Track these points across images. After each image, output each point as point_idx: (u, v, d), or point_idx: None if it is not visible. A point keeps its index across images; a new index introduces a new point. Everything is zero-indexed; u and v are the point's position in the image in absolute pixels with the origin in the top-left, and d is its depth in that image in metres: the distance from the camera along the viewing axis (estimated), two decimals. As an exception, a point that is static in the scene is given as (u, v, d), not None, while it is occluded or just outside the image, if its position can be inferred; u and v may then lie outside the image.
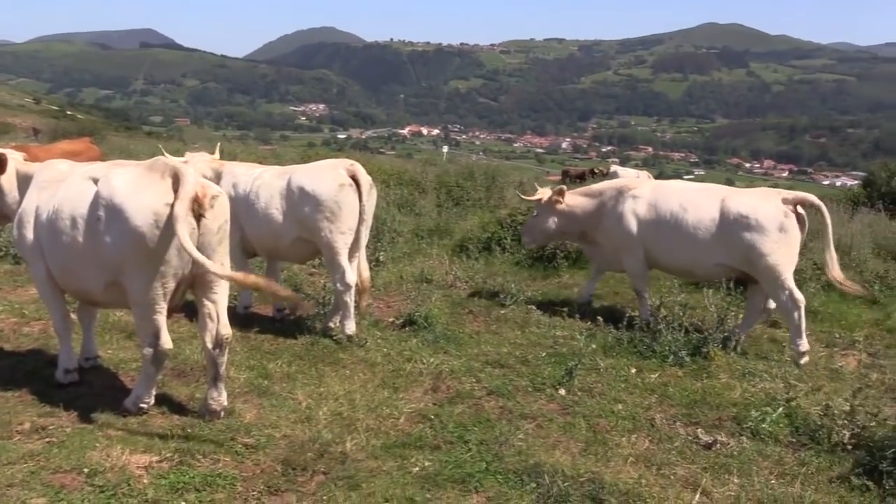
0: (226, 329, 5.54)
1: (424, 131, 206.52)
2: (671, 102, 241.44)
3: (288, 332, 7.58)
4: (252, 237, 7.79)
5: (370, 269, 9.27)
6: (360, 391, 6.14)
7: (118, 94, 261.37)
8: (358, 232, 7.45)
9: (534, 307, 8.64)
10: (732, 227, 7.65)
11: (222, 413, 5.52)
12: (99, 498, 4.36)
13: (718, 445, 5.45)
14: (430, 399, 6.12)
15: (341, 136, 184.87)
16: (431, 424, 5.60)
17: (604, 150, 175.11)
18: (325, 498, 4.50)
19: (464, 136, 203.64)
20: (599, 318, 7.77)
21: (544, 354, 7.26)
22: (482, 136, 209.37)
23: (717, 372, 6.86)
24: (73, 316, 6.56)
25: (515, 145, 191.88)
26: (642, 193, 8.38)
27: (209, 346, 5.49)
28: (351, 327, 7.49)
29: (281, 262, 8.56)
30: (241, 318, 7.94)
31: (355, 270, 7.54)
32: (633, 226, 8.31)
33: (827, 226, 7.67)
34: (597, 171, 27.24)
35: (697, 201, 7.98)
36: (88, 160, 8.25)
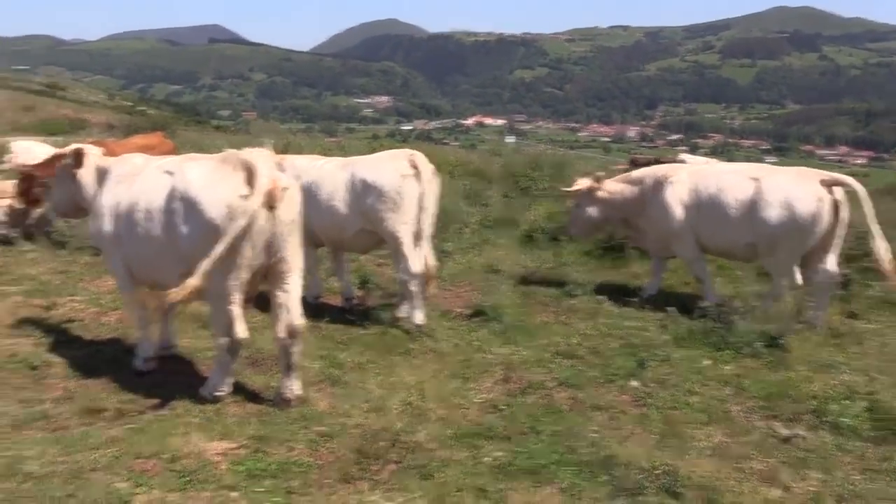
0: (299, 319, 5.63)
1: (489, 122, 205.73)
2: (740, 88, 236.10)
3: (358, 323, 7.65)
4: (316, 229, 7.86)
5: (437, 259, 9.34)
6: (430, 381, 6.17)
7: (187, 90, 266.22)
8: (421, 221, 7.49)
9: (604, 297, 8.55)
10: (761, 208, 7.72)
11: (296, 402, 5.61)
12: (179, 483, 4.47)
13: (797, 439, 5.32)
14: (501, 389, 6.12)
15: (406, 127, 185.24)
16: (502, 415, 5.60)
17: (671, 138, 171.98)
18: (397, 486, 4.54)
19: (528, 126, 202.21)
20: (671, 309, 7.66)
21: (615, 345, 7.19)
22: (547, 125, 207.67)
23: (795, 364, 6.69)
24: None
25: (581, 134, 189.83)
26: (681, 179, 8.45)
27: (282, 336, 5.58)
28: (420, 317, 7.54)
29: (348, 254, 8.64)
30: (312, 308, 8.03)
31: (421, 259, 7.57)
32: (678, 212, 8.37)
33: (867, 211, 7.49)
34: (664, 159, 26.77)
35: (733, 183, 8.04)
36: (161, 154, 8.43)
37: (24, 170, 11.50)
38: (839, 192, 7.59)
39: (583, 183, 9.32)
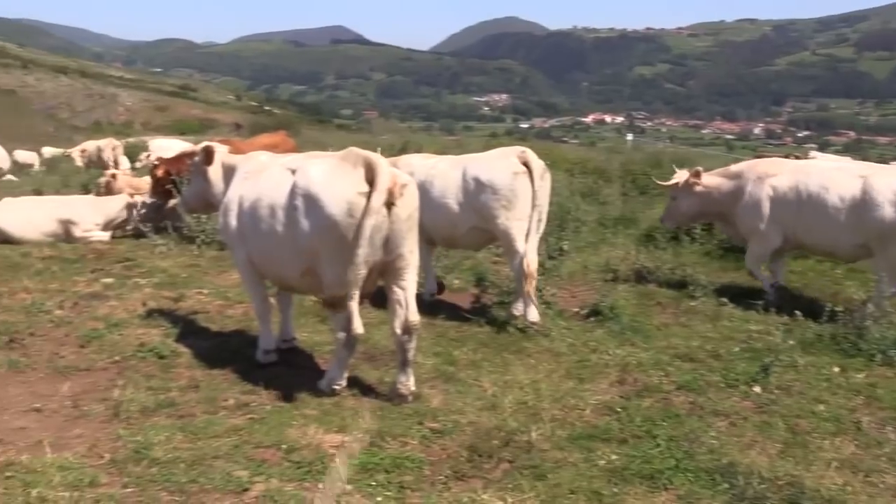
0: (414, 316, 5.66)
1: (608, 119, 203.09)
2: (877, 83, 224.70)
3: (473, 320, 7.65)
4: (429, 226, 7.89)
5: (553, 258, 9.27)
6: (545, 381, 6.10)
7: (311, 90, 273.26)
8: (531, 218, 7.44)
9: (725, 299, 8.25)
10: (867, 207, 7.58)
11: (410, 397, 5.65)
12: (296, 473, 4.57)
13: (935, 453, 5.01)
14: (617, 391, 5.99)
15: (524, 125, 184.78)
16: (618, 417, 5.48)
17: (800, 135, 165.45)
18: (510, 486, 4.50)
19: (649, 124, 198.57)
20: (797, 313, 7.35)
21: (737, 349, 6.93)
22: (668, 122, 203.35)
23: (933, 373, 6.31)
24: (272, 300, 6.93)
25: (704, 132, 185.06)
26: (782, 175, 8.33)
27: (398, 332, 5.64)
28: (533, 314, 7.49)
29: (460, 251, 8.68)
30: (427, 305, 8.09)
31: (532, 256, 7.47)
32: (768, 209, 8.31)
33: None
34: (792, 157, 25.76)
35: (838, 181, 7.87)
36: (284, 152, 8.67)
37: (157, 165, 12.06)
38: None
39: (680, 176, 9.27)
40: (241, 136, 25.51)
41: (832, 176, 7.98)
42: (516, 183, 7.36)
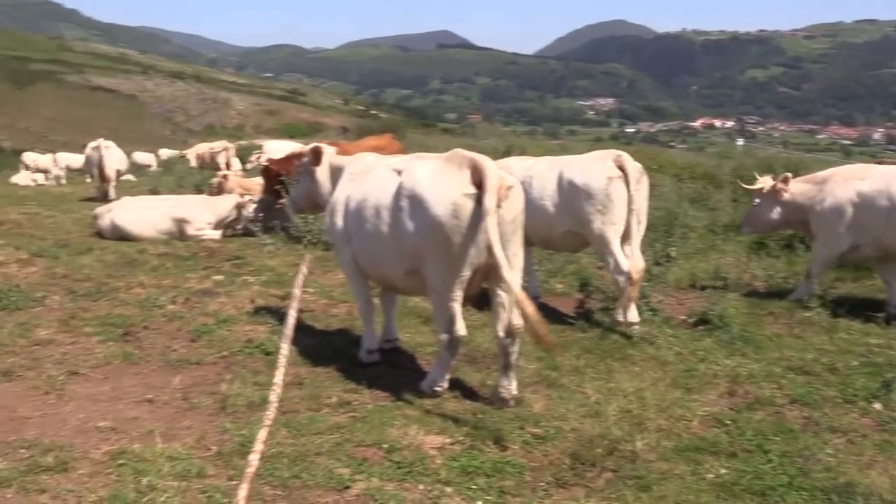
0: (518, 319, 5.60)
1: (717, 123, 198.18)
2: None
3: (577, 325, 7.53)
4: (526, 228, 7.82)
5: (660, 264, 9.04)
6: (650, 389, 5.93)
7: (416, 94, 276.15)
8: (628, 221, 7.34)
9: (843, 311, 7.88)
10: None
11: (512, 401, 5.59)
12: (396, 473, 4.56)
13: None
14: (726, 403, 5.78)
15: (630, 129, 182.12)
16: (727, 430, 5.27)
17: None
18: (613, 496, 4.39)
19: (760, 128, 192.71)
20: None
21: (856, 363, 6.59)
22: (781, 127, 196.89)
23: None
24: (376, 300, 6.98)
25: (819, 137, 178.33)
26: (872, 179, 8.05)
27: (501, 335, 5.58)
28: (634, 314, 7.42)
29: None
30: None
31: (630, 259, 7.38)
32: (850, 214, 8.04)
33: None
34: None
35: None
36: (391, 155, 8.75)
37: (267, 166, 12.36)
38: None
39: (765, 181, 8.94)
40: (347, 140, 25.96)
41: None
42: (611, 187, 7.28)
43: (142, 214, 11.94)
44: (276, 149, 21.29)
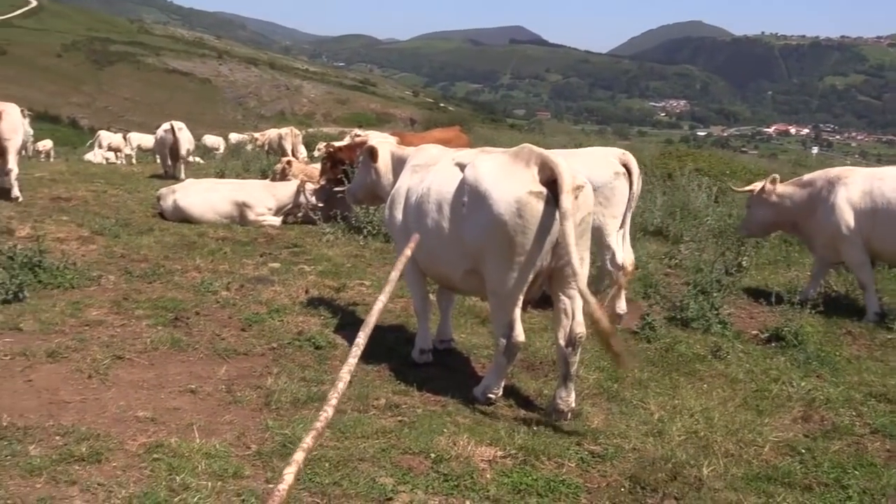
0: (580, 327, 5.27)
1: (792, 130, 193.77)
2: None
3: (642, 335, 7.15)
4: None
5: (731, 274, 8.62)
6: (718, 409, 5.54)
7: (486, 88, 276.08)
8: (624, 217, 7.52)
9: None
10: None
11: (569, 414, 5.25)
12: (443, 486, 4.28)
13: None
14: (801, 429, 5.35)
15: (701, 133, 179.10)
16: (802, 459, 4.86)
17: None
18: (677, 527, 4.05)
19: (837, 137, 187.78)
20: None
21: (945, 392, 6.10)
22: (859, 137, 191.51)
23: None
24: (433, 297, 6.72)
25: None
26: (855, 181, 8.19)
27: (562, 343, 5.26)
28: (622, 306, 7.60)
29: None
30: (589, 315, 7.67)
31: (626, 252, 7.67)
32: (847, 216, 8.11)
33: None
34: None
35: None
36: (458, 148, 8.48)
37: (332, 152, 12.18)
38: None
39: (756, 185, 9.21)
40: (415, 131, 25.77)
41: None
42: (616, 182, 7.37)
43: (204, 197, 11.88)
44: (378, 139, 21.17)
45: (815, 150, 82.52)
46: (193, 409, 5.13)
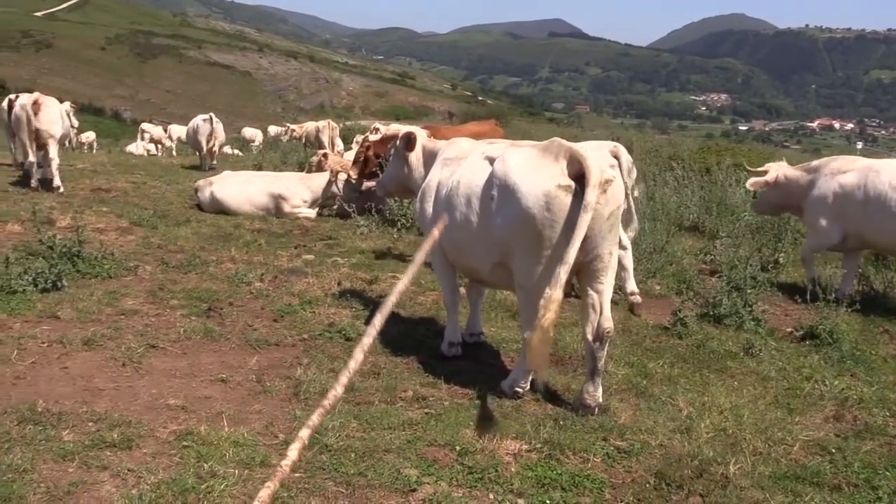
0: (608, 322, 5.24)
1: (836, 125, 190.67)
2: None
3: (673, 331, 7.10)
4: None
5: (766, 270, 8.54)
6: (748, 407, 5.48)
7: (525, 82, 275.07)
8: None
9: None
10: None
11: (596, 409, 5.23)
12: (467, 479, 4.29)
13: None
14: (832, 428, 5.28)
15: (742, 127, 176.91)
16: (832, 459, 4.80)
17: None
18: (700, 524, 4.02)
19: (883, 132, 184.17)
20: None
21: (983, 393, 5.98)
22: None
23: None
24: (463, 290, 6.73)
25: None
26: (853, 171, 8.37)
27: (589, 337, 5.23)
28: (631, 285, 7.81)
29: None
30: (623, 310, 7.65)
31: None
32: (833, 203, 8.38)
33: None
34: None
35: None
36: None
37: (366, 146, 12.23)
38: None
39: (770, 169, 9.40)
40: (451, 124, 25.77)
41: None
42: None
43: (241, 189, 12.01)
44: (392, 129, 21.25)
45: (859, 145, 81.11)
46: (224, 398, 5.20)
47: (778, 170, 9.22)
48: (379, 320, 3.46)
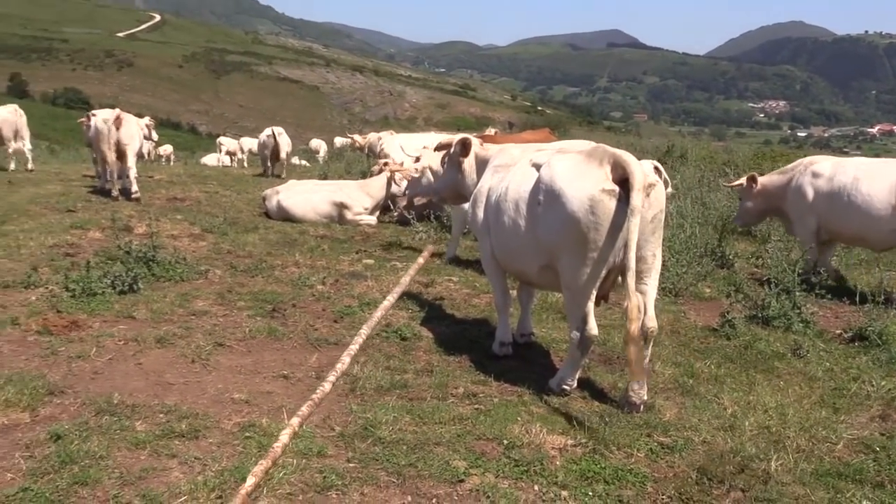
0: (652, 322, 5.26)
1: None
2: None
3: (721, 332, 7.04)
4: None
5: (818, 273, 8.37)
6: (793, 406, 5.42)
7: (583, 92, 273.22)
8: None
9: None
10: None
11: (641, 407, 5.23)
12: (514, 471, 4.34)
13: None
14: (877, 427, 5.19)
15: (801, 133, 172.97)
16: (876, 457, 4.72)
17: None
18: (740, 518, 4.00)
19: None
20: None
21: None
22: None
23: None
24: (514, 293, 6.77)
25: None
26: (822, 167, 8.85)
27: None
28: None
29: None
30: (671, 313, 7.60)
31: None
32: (810, 197, 8.81)
33: None
34: None
35: (873, 173, 8.34)
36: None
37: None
38: None
39: (742, 179, 9.92)
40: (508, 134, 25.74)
41: (866, 168, 8.48)
42: None
43: (305, 198, 12.23)
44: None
45: (920, 149, 78.38)
46: (285, 392, 5.34)
47: (746, 180, 9.70)
48: (365, 331, 3.58)
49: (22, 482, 3.98)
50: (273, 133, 19.44)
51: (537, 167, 5.56)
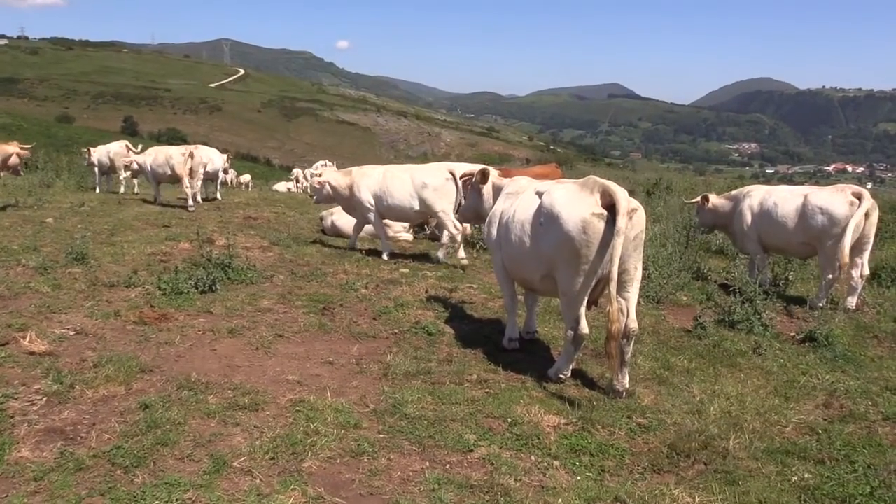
0: (634, 323, 5.22)
1: (849, 168, 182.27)
2: None
3: (694, 334, 6.95)
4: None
5: (777, 286, 8.24)
6: (751, 395, 5.35)
7: (588, 134, 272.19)
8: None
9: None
10: (809, 216, 8.14)
11: (624, 394, 5.20)
12: (515, 444, 4.34)
13: None
14: (821, 414, 5.10)
15: (769, 170, 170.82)
16: (818, 438, 4.64)
17: None
18: (701, 486, 3.95)
19: (889, 175, 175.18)
20: None
21: (957, 390, 5.65)
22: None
23: None
24: (521, 297, 6.75)
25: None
26: (756, 194, 9.10)
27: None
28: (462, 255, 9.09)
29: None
30: (651, 317, 7.52)
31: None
32: (748, 217, 9.00)
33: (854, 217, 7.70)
34: None
35: (785, 199, 8.54)
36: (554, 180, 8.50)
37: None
38: (866, 201, 7.77)
39: (698, 197, 10.30)
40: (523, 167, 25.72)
41: (782, 195, 8.68)
42: (447, 184, 9.66)
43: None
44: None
45: (869, 185, 77.06)
46: (330, 376, 5.37)
47: (701, 198, 10.01)
48: None
49: (116, 441, 4.05)
50: (325, 164, 19.66)
51: (540, 194, 5.56)
